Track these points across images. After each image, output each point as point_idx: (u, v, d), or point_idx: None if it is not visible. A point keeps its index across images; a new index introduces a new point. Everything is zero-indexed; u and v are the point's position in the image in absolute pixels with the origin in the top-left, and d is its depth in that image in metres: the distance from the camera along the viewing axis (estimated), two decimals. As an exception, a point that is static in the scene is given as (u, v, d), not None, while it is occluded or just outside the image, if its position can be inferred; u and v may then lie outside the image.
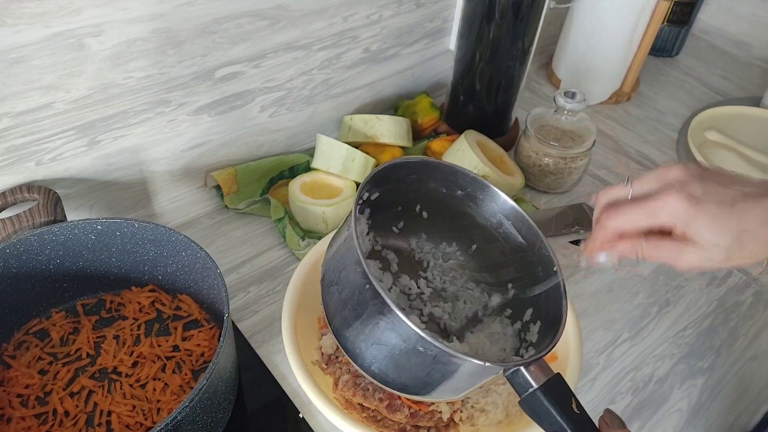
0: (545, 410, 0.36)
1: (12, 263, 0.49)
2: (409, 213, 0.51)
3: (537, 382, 0.36)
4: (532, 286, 0.48)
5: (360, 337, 0.40)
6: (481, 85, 0.75)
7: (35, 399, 0.48)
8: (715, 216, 0.36)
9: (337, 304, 0.42)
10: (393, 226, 0.52)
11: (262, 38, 0.62)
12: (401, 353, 0.38)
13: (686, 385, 0.58)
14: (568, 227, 0.72)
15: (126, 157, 0.60)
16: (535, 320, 0.47)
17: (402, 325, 0.36)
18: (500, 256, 0.51)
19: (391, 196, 0.47)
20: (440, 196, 0.49)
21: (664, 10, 0.84)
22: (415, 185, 0.48)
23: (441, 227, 0.53)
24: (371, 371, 0.41)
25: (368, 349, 0.40)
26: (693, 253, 0.37)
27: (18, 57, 0.48)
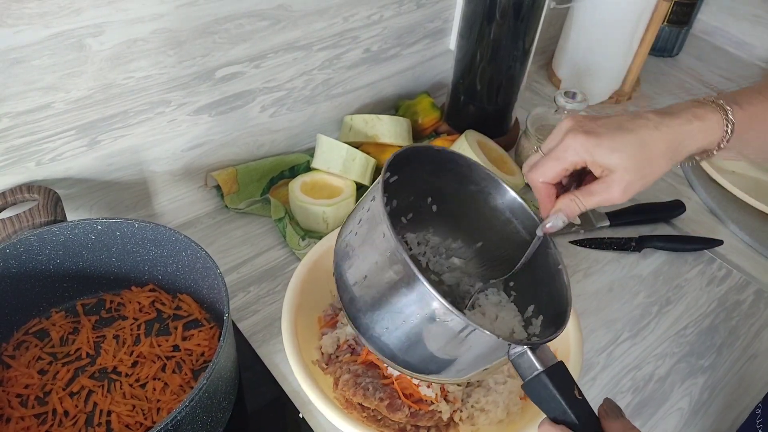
0: (549, 394, 0.36)
1: (12, 263, 0.49)
2: (419, 204, 0.51)
3: (542, 366, 0.37)
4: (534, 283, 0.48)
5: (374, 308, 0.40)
6: (482, 85, 0.75)
7: (35, 399, 0.48)
8: (613, 137, 0.41)
9: (353, 274, 0.41)
10: (402, 216, 0.51)
11: (262, 38, 0.62)
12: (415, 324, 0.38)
13: (687, 383, 0.58)
14: (569, 227, 0.72)
15: (126, 157, 0.60)
16: (537, 315, 0.47)
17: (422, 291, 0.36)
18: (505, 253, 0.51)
19: (406, 184, 0.47)
20: (452, 190, 0.49)
21: (665, 10, 0.84)
22: (430, 176, 0.48)
23: (449, 222, 0.52)
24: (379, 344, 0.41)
25: (381, 320, 0.39)
26: (618, 181, 0.41)
27: (18, 57, 0.48)
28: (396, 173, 0.45)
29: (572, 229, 0.72)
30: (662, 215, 0.74)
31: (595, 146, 0.41)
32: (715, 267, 0.70)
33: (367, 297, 0.40)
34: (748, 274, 0.69)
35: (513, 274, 0.49)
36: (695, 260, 0.70)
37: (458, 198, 0.50)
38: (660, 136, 0.41)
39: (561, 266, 0.45)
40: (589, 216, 0.73)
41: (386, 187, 0.45)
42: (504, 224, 0.49)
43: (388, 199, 0.48)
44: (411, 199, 0.50)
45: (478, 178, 0.48)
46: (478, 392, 0.52)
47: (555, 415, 0.36)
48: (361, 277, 0.41)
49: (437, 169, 0.47)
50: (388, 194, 0.47)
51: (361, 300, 0.41)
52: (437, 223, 0.52)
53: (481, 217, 0.50)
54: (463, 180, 0.48)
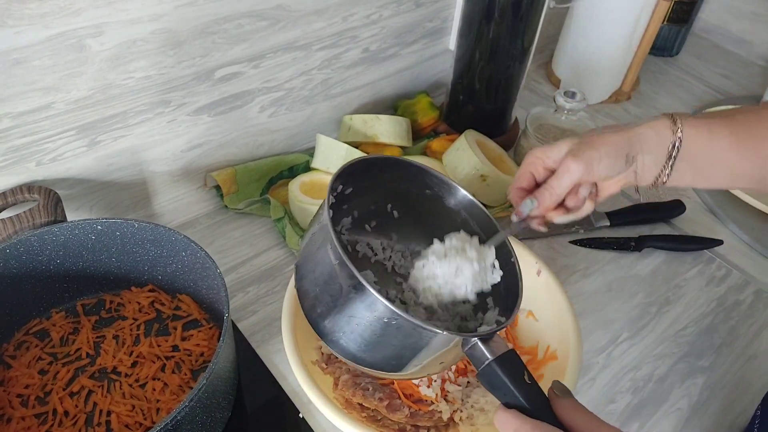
0: (499, 380, 0.38)
1: (12, 263, 0.49)
2: (382, 211, 0.52)
3: (492, 355, 0.38)
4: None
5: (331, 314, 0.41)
6: (481, 84, 0.75)
7: (35, 399, 0.48)
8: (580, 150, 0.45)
9: (309, 285, 0.43)
10: (366, 224, 0.53)
11: (261, 38, 0.62)
12: (369, 327, 0.40)
13: (686, 384, 0.58)
14: (569, 226, 0.72)
15: (126, 157, 0.60)
16: (494, 306, 0.48)
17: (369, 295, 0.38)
18: None
19: (364, 193, 0.49)
20: (411, 196, 0.51)
21: (664, 9, 0.84)
22: (388, 184, 0.49)
23: (411, 227, 0.53)
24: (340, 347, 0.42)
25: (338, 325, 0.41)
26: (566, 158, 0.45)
27: (19, 58, 0.48)
28: (351, 184, 0.47)
29: (573, 228, 0.72)
30: (662, 215, 0.74)
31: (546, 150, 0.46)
32: (714, 267, 0.70)
33: (324, 303, 0.42)
34: (747, 274, 0.69)
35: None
36: (695, 260, 0.70)
37: (418, 202, 0.51)
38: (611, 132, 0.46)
39: (514, 259, 0.47)
40: (588, 216, 0.73)
41: (344, 198, 0.47)
42: (462, 224, 0.50)
43: (348, 209, 0.50)
44: (373, 206, 0.51)
45: (431, 182, 0.50)
46: (478, 392, 0.52)
47: (507, 401, 0.38)
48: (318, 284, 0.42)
49: (395, 176, 0.49)
50: (348, 205, 0.49)
51: (319, 306, 0.42)
52: (400, 227, 0.54)
53: (440, 219, 0.51)
54: (420, 185, 0.50)
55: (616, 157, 0.45)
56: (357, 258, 0.53)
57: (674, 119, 0.45)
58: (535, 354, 0.54)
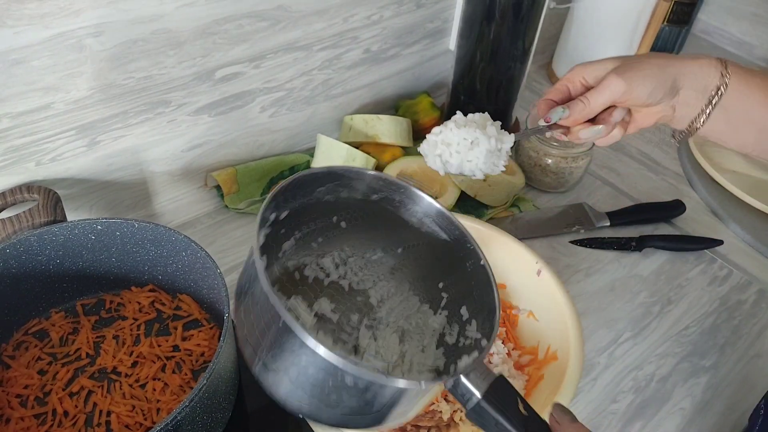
0: (492, 420, 0.33)
1: (12, 263, 0.49)
2: (327, 226, 0.47)
3: (480, 390, 0.34)
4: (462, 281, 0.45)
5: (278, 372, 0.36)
6: (482, 85, 0.75)
7: (34, 399, 0.48)
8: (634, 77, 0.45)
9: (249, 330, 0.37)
10: (312, 242, 0.47)
11: (262, 39, 0.62)
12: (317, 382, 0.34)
13: (689, 383, 0.58)
14: (570, 226, 0.72)
15: (126, 157, 0.60)
16: (471, 319, 0.44)
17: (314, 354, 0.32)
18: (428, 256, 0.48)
19: (303, 212, 0.44)
20: (356, 203, 0.46)
21: (665, 10, 0.84)
22: (327, 196, 0.44)
23: (363, 235, 0.49)
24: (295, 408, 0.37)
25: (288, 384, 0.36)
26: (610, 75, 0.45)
27: (18, 58, 0.48)
28: (286, 208, 0.42)
29: (573, 228, 0.72)
30: (663, 215, 0.74)
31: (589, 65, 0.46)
32: (716, 267, 0.69)
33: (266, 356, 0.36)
34: (749, 274, 0.69)
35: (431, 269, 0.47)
36: (696, 260, 0.70)
37: (365, 209, 0.47)
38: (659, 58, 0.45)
39: (483, 262, 0.42)
40: (589, 216, 0.73)
41: (280, 223, 0.42)
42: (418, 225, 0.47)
43: (287, 232, 0.44)
44: (315, 224, 0.46)
45: (376, 186, 0.45)
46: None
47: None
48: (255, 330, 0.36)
49: (333, 187, 0.44)
50: (286, 228, 0.44)
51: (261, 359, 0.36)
52: (351, 238, 0.49)
53: (393, 222, 0.47)
54: (363, 191, 0.45)
55: (660, 83, 0.44)
56: (308, 284, 0.47)
57: (725, 64, 0.45)
58: (536, 354, 0.54)
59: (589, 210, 0.74)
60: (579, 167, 0.74)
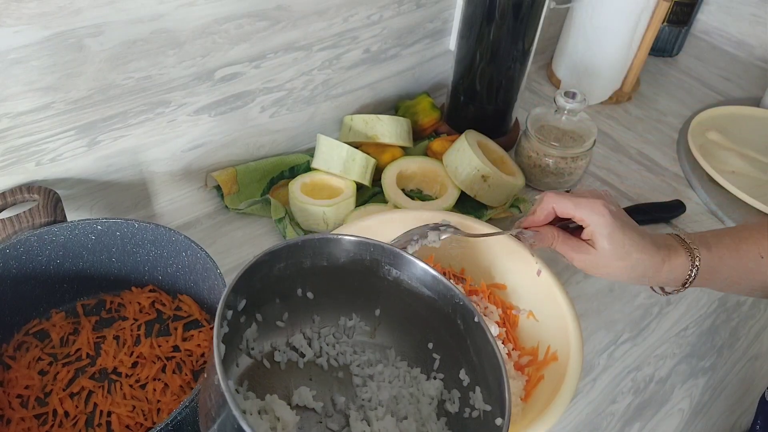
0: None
1: (12, 264, 0.49)
2: (291, 301, 0.44)
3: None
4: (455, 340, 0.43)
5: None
6: (482, 85, 0.75)
7: (35, 400, 0.48)
8: (617, 232, 0.45)
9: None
10: (278, 321, 0.44)
11: (262, 39, 0.62)
12: None
13: (688, 384, 0.58)
14: (569, 227, 0.72)
15: (126, 157, 0.60)
16: (473, 386, 0.41)
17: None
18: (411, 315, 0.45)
19: (261, 295, 0.40)
20: (323, 271, 0.43)
21: (664, 10, 0.84)
22: (288, 270, 0.41)
23: (333, 302, 0.45)
24: None
25: None
26: (587, 255, 0.47)
27: (18, 58, 0.48)
28: (242, 296, 0.39)
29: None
30: (662, 215, 0.74)
31: (602, 225, 0.46)
32: (715, 267, 0.70)
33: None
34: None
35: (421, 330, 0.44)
36: (695, 260, 0.70)
37: (333, 275, 0.43)
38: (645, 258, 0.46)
39: (477, 318, 0.39)
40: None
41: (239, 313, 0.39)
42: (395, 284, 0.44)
43: (248, 319, 0.41)
44: (277, 302, 0.43)
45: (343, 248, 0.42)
46: (479, 393, 0.51)
47: None
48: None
49: (292, 261, 0.41)
50: (246, 316, 0.40)
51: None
52: (321, 309, 0.45)
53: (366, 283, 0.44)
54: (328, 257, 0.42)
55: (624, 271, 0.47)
56: (280, 371, 0.43)
57: (693, 256, 0.47)
58: (536, 355, 0.54)
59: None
60: (578, 168, 0.74)
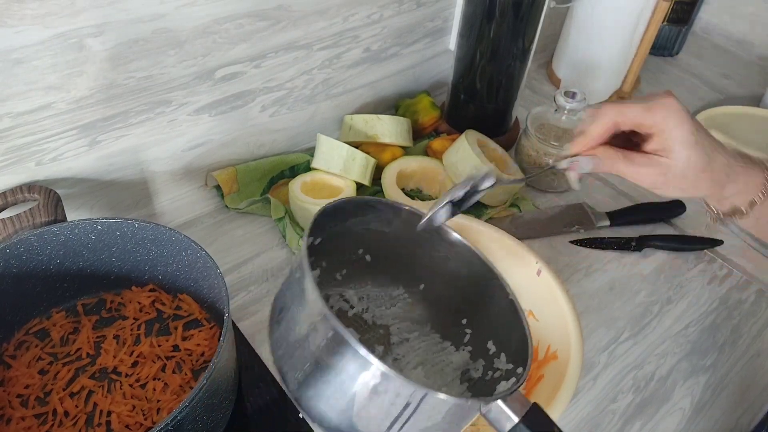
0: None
1: (12, 263, 0.49)
2: (352, 258, 0.47)
3: (517, 416, 0.34)
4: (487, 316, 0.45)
5: (315, 383, 0.36)
6: (482, 84, 0.75)
7: (35, 399, 0.48)
8: (698, 133, 0.40)
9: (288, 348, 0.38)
10: (337, 273, 0.48)
11: (262, 38, 0.62)
12: (364, 398, 0.34)
13: (689, 383, 0.58)
14: (569, 226, 0.72)
15: (127, 157, 0.60)
16: (499, 352, 0.44)
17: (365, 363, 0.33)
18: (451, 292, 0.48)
19: (333, 241, 0.44)
20: (383, 237, 0.46)
21: (665, 9, 0.84)
22: (357, 227, 0.45)
23: (385, 270, 0.49)
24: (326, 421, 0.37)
25: (324, 395, 0.36)
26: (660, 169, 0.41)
27: (19, 58, 0.48)
28: (319, 234, 0.42)
29: (573, 228, 0.72)
30: (662, 215, 0.74)
31: (681, 124, 0.39)
32: (716, 266, 0.69)
33: (304, 370, 0.36)
34: (749, 273, 0.69)
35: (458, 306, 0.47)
36: (696, 259, 0.70)
37: (391, 244, 0.46)
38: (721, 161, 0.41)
39: (511, 296, 0.42)
40: (589, 216, 0.73)
41: (312, 250, 0.41)
42: (443, 261, 0.46)
43: (316, 261, 0.44)
44: (342, 255, 0.47)
45: (409, 220, 0.44)
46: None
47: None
48: (295, 347, 0.37)
49: (363, 219, 0.44)
50: (315, 257, 0.43)
51: (299, 373, 0.37)
52: (375, 273, 0.49)
53: (418, 259, 0.47)
54: (392, 224, 0.45)
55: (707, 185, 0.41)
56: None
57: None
58: (536, 354, 0.54)
59: (588, 210, 0.74)
60: (579, 167, 0.74)
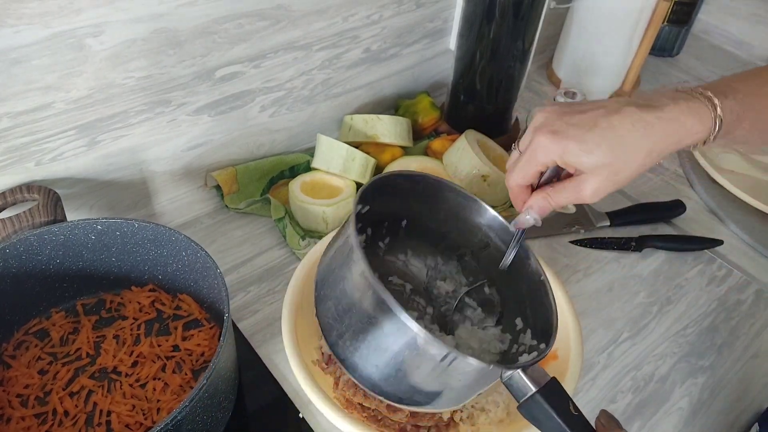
0: (545, 414, 0.36)
1: (12, 263, 0.49)
2: (394, 229, 0.50)
3: (536, 386, 0.36)
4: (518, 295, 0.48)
5: (357, 342, 0.39)
6: (482, 84, 0.75)
7: (35, 399, 0.48)
8: (582, 139, 0.39)
9: (335, 313, 0.41)
10: (380, 241, 0.50)
11: (262, 38, 0.62)
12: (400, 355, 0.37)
13: (687, 383, 0.58)
14: (569, 226, 0.72)
15: (126, 157, 0.60)
16: (525, 329, 0.47)
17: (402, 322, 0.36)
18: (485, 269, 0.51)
19: (379, 211, 0.46)
20: (426, 212, 0.49)
21: (664, 9, 0.84)
22: (402, 200, 0.47)
23: (426, 244, 0.52)
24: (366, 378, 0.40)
25: (365, 354, 0.39)
26: (589, 183, 0.40)
27: (18, 57, 0.48)
28: (368, 203, 0.45)
29: (573, 229, 0.72)
30: (662, 215, 0.74)
31: (563, 149, 0.39)
32: (715, 267, 0.69)
33: (349, 331, 0.40)
34: (748, 274, 0.69)
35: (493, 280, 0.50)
36: (695, 260, 0.70)
37: (433, 218, 0.49)
38: (640, 136, 0.39)
39: (543, 278, 0.44)
40: (589, 216, 0.73)
41: (359, 218, 0.44)
42: (481, 238, 0.49)
43: (362, 228, 0.47)
44: (386, 224, 0.49)
45: (450, 197, 0.48)
46: (478, 393, 0.52)
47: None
48: (342, 311, 0.40)
49: (408, 193, 0.47)
50: (362, 224, 0.47)
51: (346, 336, 0.40)
52: (414, 244, 0.52)
53: (457, 234, 0.50)
54: (437, 200, 0.48)
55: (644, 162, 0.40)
56: None
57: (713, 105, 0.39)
58: (536, 354, 0.54)
59: (588, 210, 0.74)
60: (578, 167, 0.74)
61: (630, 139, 0.39)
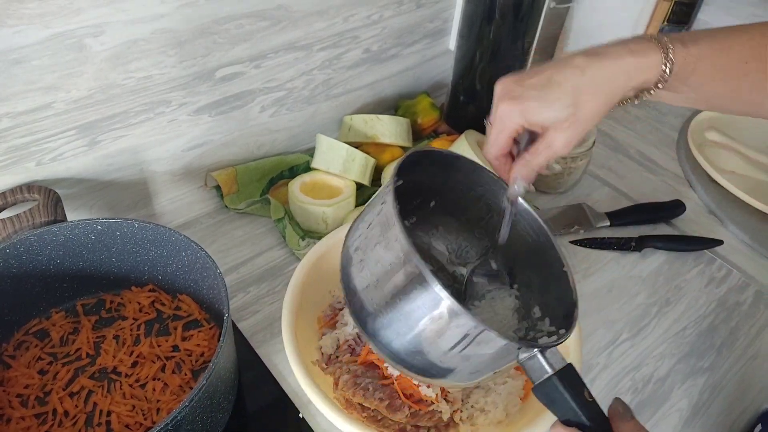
0: (560, 396, 0.36)
1: (12, 263, 0.49)
2: (424, 208, 0.50)
3: (552, 369, 0.37)
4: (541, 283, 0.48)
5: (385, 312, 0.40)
6: (482, 85, 0.75)
7: (35, 399, 0.48)
8: (540, 97, 0.41)
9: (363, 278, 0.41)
10: (406, 220, 0.50)
11: (262, 39, 0.62)
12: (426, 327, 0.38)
13: (687, 384, 0.58)
14: (568, 227, 0.72)
15: (126, 157, 0.60)
16: (543, 317, 0.47)
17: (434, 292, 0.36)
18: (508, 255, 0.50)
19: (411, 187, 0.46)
20: (457, 194, 0.49)
21: (664, 10, 0.84)
22: (435, 178, 0.48)
23: (454, 225, 0.52)
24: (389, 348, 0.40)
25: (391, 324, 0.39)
26: (557, 137, 0.42)
27: (18, 57, 0.48)
28: (402, 177, 0.45)
29: (572, 229, 0.72)
30: (662, 215, 0.74)
31: (524, 110, 0.41)
32: (714, 267, 0.69)
33: (378, 301, 0.40)
34: (747, 274, 0.69)
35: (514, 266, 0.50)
36: (695, 260, 0.70)
37: (463, 203, 0.50)
38: (589, 81, 0.41)
39: (566, 268, 0.45)
40: (588, 216, 0.73)
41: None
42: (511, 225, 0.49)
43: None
44: (416, 202, 0.50)
45: (483, 181, 0.48)
46: (478, 392, 0.52)
47: (566, 418, 0.36)
48: (373, 281, 0.40)
49: (443, 171, 0.47)
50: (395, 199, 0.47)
51: (371, 304, 0.40)
52: (442, 223, 0.52)
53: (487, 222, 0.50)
54: (468, 182, 0.48)
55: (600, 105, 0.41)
56: None
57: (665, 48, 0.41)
58: (536, 354, 0.54)
59: (588, 210, 0.74)
60: (578, 168, 0.74)
61: (583, 85, 0.41)
